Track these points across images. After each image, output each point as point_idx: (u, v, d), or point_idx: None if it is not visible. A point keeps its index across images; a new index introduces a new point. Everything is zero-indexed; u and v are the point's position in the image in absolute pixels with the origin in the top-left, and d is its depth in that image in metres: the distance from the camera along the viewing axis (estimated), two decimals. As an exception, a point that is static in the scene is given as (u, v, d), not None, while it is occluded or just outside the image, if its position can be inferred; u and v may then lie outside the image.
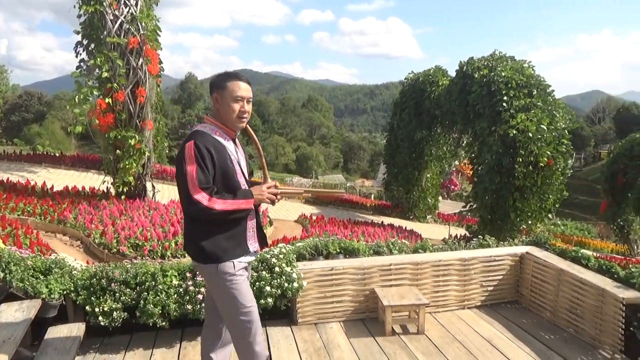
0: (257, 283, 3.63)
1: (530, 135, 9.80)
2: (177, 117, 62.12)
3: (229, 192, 2.37)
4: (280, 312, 3.88)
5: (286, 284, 3.70)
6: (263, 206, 3.41)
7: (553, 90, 11.03)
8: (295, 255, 4.04)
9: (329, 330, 3.86)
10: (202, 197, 2.25)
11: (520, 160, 9.84)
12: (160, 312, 3.43)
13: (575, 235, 18.46)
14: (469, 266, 4.33)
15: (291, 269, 3.79)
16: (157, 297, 3.44)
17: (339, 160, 71.08)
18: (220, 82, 2.41)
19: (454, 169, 22.81)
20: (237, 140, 2.56)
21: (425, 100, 14.74)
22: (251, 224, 2.53)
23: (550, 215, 11.27)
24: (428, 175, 16.48)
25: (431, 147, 15.90)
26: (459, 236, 10.40)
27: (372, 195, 27.03)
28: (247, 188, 2.47)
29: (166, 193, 13.50)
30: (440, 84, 14.45)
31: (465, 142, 13.63)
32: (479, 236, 5.15)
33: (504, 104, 10.43)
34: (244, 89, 2.41)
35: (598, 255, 6.76)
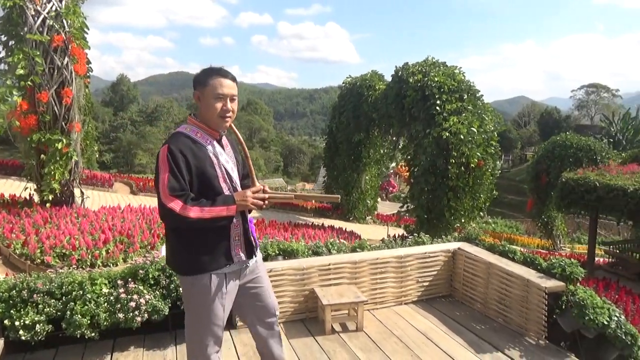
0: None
1: (462, 137, 10.24)
2: (109, 120, 59.34)
3: (208, 198, 2.17)
4: (219, 316, 3.79)
5: (224, 288, 3.62)
6: None
7: (482, 95, 11.61)
8: (233, 258, 3.97)
9: (268, 332, 3.82)
10: (175, 205, 2.08)
11: (453, 161, 10.27)
12: (89, 322, 3.25)
13: (504, 232, 19.53)
14: (405, 263, 4.45)
15: (229, 272, 3.71)
16: (86, 307, 3.26)
17: (279, 164, 70.74)
18: (202, 79, 2.23)
19: (392, 171, 23.42)
20: (223, 141, 2.36)
21: (362, 104, 15.04)
22: (236, 232, 2.33)
23: (481, 214, 11.84)
24: (367, 178, 16.84)
25: (369, 150, 16.25)
26: (397, 236, 10.66)
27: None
28: (231, 193, 2.27)
29: (96, 199, 12.87)
30: (377, 88, 14.81)
31: (401, 144, 14.05)
32: (415, 234, 5.31)
33: (437, 108, 10.85)
34: (227, 86, 2.22)
35: (525, 250, 7.16)
